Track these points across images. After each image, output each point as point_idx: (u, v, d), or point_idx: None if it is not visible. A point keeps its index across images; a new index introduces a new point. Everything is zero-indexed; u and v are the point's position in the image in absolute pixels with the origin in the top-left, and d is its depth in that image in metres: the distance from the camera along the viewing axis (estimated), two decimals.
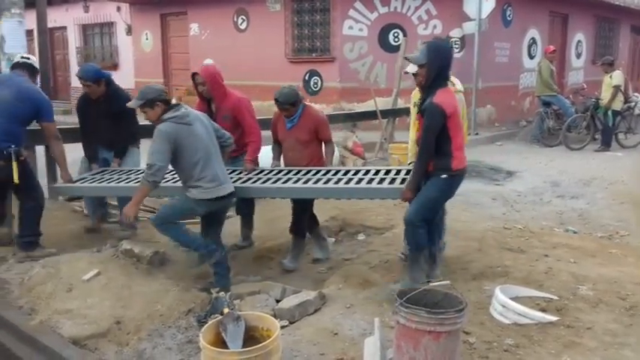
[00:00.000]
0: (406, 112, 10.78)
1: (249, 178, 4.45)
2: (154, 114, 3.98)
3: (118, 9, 17.00)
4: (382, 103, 10.05)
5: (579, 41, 16.43)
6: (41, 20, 6.32)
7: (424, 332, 2.50)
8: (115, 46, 17.71)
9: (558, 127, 10.93)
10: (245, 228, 5.11)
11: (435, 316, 2.49)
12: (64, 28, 18.52)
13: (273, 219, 5.54)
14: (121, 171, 5.00)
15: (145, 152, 4.81)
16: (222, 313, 3.02)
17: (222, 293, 2.86)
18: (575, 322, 3.35)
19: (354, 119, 10.11)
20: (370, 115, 10.05)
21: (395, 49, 11.67)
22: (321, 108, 12.62)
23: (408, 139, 4.60)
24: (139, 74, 16.70)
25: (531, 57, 14.33)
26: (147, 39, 16.55)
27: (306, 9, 13.30)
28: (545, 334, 3.21)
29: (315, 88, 13.26)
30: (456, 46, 12.01)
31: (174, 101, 14.60)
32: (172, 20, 16.08)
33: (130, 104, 4.14)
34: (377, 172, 4.52)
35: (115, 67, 17.49)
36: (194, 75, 4.75)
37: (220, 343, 2.62)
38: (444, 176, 3.72)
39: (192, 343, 3.35)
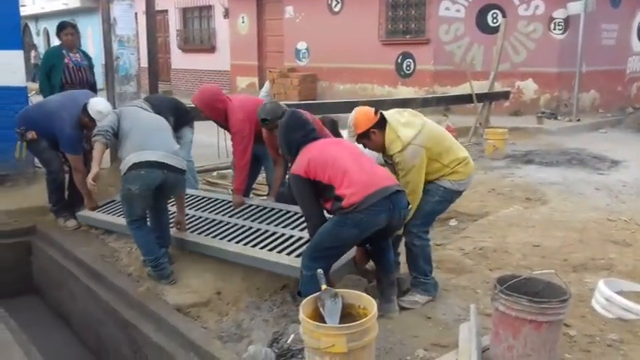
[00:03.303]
0: (503, 95, 10.47)
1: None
2: None
3: None
4: (478, 86, 9.77)
5: None
6: (149, 4, 6.62)
7: (525, 321, 2.45)
8: (212, 29, 18.27)
9: None
10: None
11: (537, 305, 2.43)
12: (166, 11, 19.26)
13: None
14: None
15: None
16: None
17: (319, 271, 2.94)
18: None
19: (448, 102, 9.87)
20: (465, 99, 9.80)
21: (493, 30, 11.26)
22: (413, 91, 12.52)
23: (504, 124, 4.33)
24: (234, 57, 17.17)
25: None
26: (243, 22, 16.94)
27: None
28: None
29: (408, 70, 13.06)
30: (560, 27, 11.42)
31: (267, 84, 14.67)
32: (268, 3, 16.35)
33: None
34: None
35: (212, 49, 18.11)
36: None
37: (318, 317, 2.69)
38: (339, 213, 3.17)
39: (287, 317, 3.45)
